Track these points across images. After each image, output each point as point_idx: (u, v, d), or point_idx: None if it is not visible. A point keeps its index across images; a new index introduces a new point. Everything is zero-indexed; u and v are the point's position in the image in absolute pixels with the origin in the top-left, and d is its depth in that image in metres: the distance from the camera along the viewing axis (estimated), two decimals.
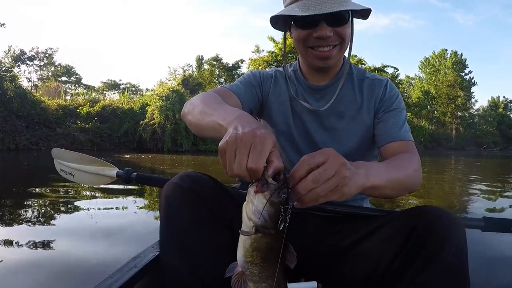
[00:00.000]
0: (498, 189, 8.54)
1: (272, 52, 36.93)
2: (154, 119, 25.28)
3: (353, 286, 1.24)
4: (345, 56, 1.54)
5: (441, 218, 1.06)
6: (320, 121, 1.53)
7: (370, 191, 1.02)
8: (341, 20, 1.32)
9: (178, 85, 28.38)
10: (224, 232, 1.21)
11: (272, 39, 37.59)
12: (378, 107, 1.50)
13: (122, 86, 51.32)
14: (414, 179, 1.22)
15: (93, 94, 33.93)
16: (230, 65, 49.83)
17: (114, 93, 46.99)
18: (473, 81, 68.09)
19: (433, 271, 0.99)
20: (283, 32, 1.52)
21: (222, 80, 50.37)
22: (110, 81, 52.82)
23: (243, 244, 0.88)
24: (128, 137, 25.75)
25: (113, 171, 1.83)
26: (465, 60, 67.22)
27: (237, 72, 50.16)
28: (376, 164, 1.10)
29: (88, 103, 26.34)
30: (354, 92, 1.53)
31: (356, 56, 41.88)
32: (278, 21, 1.45)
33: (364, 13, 1.38)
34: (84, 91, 39.66)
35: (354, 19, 1.42)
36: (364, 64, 40.32)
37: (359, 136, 1.52)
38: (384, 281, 1.13)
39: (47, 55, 43.88)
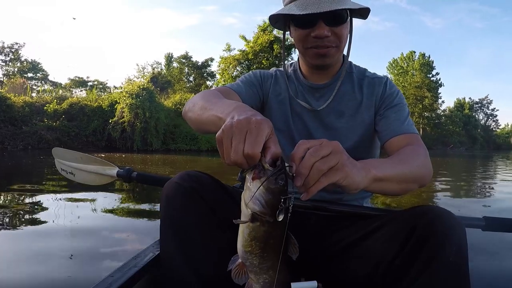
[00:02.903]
0: (463, 186, 8.76)
1: (243, 51, 36.92)
2: (123, 117, 24.84)
3: (353, 286, 1.24)
4: (344, 55, 1.55)
5: (442, 217, 1.05)
6: (320, 120, 1.53)
7: (375, 186, 1.03)
8: (339, 19, 1.32)
9: (148, 82, 27.90)
10: (224, 231, 1.21)
11: (244, 38, 37.59)
12: (379, 105, 1.50)
13: (89, 84, 49.94)
14: (422, 171, 1.20)
15: (60, 91, 32.94)
16: (200, 63, 49.69)
17: (81, 90, 45.85)
18: (440, 82, 69.74)
19: (433, 271, 0.99)
20: (253, 33, 1.52)
21: (191, 79, 50.18)
22: (77, 78, 51.31)
23: (242, 233, 0.89)
24: (96, 136, 25.15)
25: (114, 170, 1.84)
26: (433, 62, 68.73)
27: (206, 71, 50.05)
28: (377, 159, 1.12)
29: (55, 100, 25.46)
30: (353, 90, 1.53)
31: None
32: (278, 20, 1.46)
33: (363, 12, 1.39)
34: (51, 88, 38.65)
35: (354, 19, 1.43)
36: None
37: (359, 135, 1.52)
38: (384, 281, 1.12)
39: (13, 50, 42.81)
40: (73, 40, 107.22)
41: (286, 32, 1.52)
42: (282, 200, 0.81)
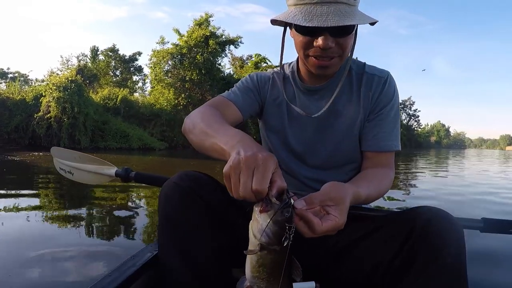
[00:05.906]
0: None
1: (177, 45, 36.19)
2: (49, 112, 23.43)
3: (351, 287, 1.25)
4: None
5: (440, 218, 1.06)
6: (317, 123, 1.50)
7: None
8: (345, 31, 1.25)
9: (76, 75, 26.39)
10: (223, 231, 1.24)
11: (177, 31, 36.88)
12: (373, 106, 1.47)
13: (10, 75, 46.78)
14: (381, 193, 1.31)
15: None
16: (127, 57, 48.55)
17: (0, 83, 42.83)
18: None
19: (431, 272, 1.00)
20: (188, 27, 1.43)
21: (118, 73, 48.81)
22: None
23: (250, 260, 0.92)
24: (19, 133, 23.47)
25: (112, 170, 1.85)
26: None
27: (133, 65, 48.91)
28: (360, 185, 1.17)
29: None
30: (351, 89, 1.49)
31: (260, 55, 42.46)
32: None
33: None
34: None
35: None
36: (267, 63, 40.99)
37: (356, 135, 1.49)
38: (382, 282, 1.14)
39: None
40: None
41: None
42: (287, 227, 0.85)
